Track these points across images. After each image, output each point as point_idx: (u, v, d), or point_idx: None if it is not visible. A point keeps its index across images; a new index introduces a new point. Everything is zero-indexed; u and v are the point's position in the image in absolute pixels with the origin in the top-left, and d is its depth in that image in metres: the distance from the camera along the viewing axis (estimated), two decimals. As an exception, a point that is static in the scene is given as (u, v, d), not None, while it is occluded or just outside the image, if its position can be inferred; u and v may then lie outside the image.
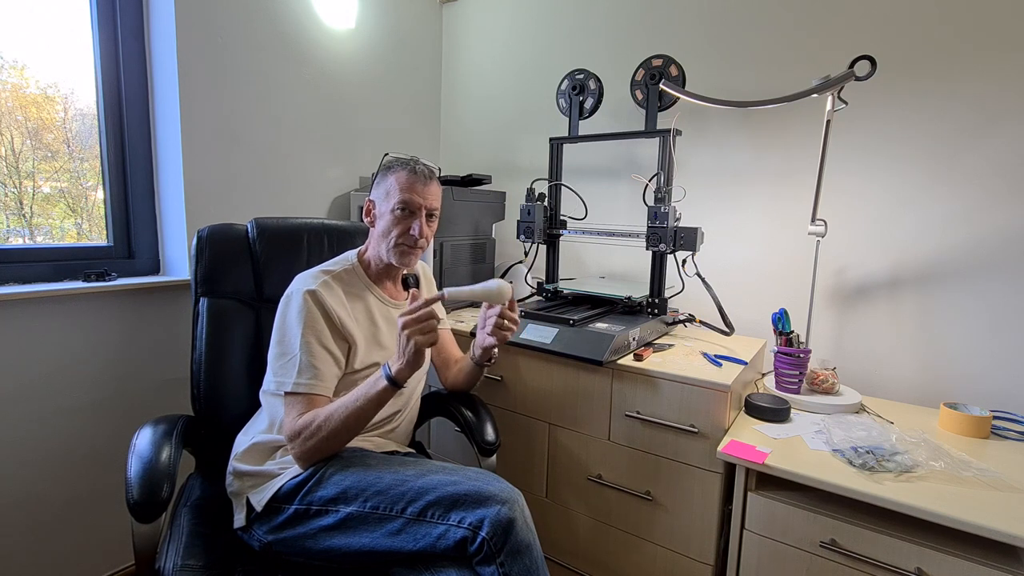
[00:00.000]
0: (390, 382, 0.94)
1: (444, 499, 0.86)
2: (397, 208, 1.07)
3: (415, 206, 1.08)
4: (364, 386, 0.96)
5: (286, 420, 0.96)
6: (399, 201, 1.07)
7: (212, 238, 1.23)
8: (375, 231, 1.11)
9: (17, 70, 1.36)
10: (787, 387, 1.32)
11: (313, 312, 1.01)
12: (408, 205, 1.07)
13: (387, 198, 1.09)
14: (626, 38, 1.81)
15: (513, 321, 1.08)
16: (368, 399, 0.94)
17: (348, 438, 0.97)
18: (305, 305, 1.01)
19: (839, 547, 0.98)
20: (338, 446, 0.97)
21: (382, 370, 0.96)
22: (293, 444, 0.95)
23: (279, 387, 0.99)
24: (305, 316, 1.00)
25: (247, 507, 0.98)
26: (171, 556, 0.91)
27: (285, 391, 0.97)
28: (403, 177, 1.08)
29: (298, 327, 1.00)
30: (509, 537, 0.83)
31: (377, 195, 1.11)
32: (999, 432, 1.18)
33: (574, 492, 1.39)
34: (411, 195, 1.07)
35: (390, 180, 1.09)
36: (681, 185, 1.66)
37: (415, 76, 2.19)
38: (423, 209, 1.09)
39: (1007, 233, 1.28)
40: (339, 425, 0.93)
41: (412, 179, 1.08)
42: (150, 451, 0.94)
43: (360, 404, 0.94)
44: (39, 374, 1.31)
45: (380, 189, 1.11)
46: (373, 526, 0.88)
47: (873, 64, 1.23)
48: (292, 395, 0.97)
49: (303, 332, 0.99)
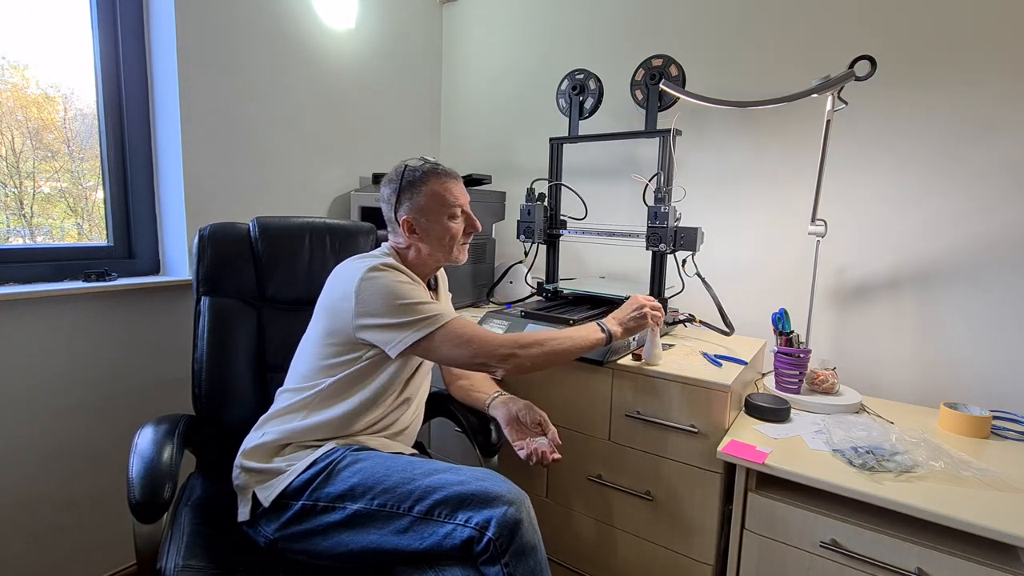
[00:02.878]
0: (608, 337, 1.11)
1: (451, 498, 0.86)
2: (456, 213, 1.12)
3: (464, 204, 1.14)
4: (581, 330, 1.10)
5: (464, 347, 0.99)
6: (457, 206, 1.11)
7: (214, 237, 1.23)
8: (427, 242, 1.11)
9: (18, 70, 1.36)
10: (787, 387, 1.32)
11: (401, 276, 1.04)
12: (462, 207, 1.13)
13: (433, 209, 1.09)
14: (626, 38, 1.81)
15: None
16: (584, 340, 1.08)
17: (556, 363, 1.08)
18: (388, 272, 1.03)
19: (839, 547, 0.98)
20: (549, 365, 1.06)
21: (599, 324, 1.12)
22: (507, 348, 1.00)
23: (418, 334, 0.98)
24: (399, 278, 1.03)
25: (253, 501, 0.98)
26: (173, 556, 0.91)
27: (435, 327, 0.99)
28: (440, 184, 1.10)
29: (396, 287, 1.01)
30: (515, 538, 0.84)
31: (416, 210, 1.09)
32: (999, 432, 1.18)
33: (574, 492, 1.39)
34: (460, 197, 1.13)
35: (425, 191, 1.09)
36: (681, 185, 1.66)
37: (415, 76, 2.19)
38: (467, 205, 1.15)
39: (1007, 233, 1.28)
40: (558, 348, 1.04)
41: (450, 182, 1.12)
42: (152, 451, 0.94)
43: (577, 342, 1.07)
44: (40, 374, 1.31)
45: (417, 202, 1.09)
46: (380, 524, 0.89)
47: (873, 64, 1.23)
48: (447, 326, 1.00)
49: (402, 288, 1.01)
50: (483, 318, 1.50)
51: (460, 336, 1.00)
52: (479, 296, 1.93)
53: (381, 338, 1.00)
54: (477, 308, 1.87)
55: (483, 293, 1.94)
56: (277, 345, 1.26)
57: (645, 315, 1.16)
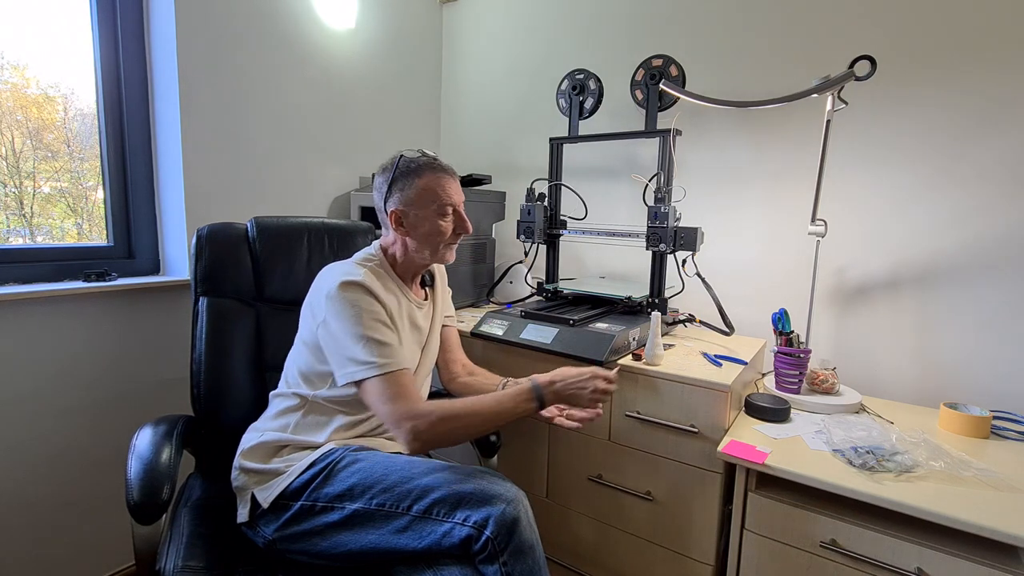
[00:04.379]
0: (539, 405, 0.98)
1: (449, 497, 0.86)
2: (447, 211, 1.07)
3: (457, 203, 1.09)
4: (510, 399, 0.96)
5: (383, 404, 0.91)
6: (446, 204, 1.07)
7: (212, 237, 1.23)
8: (413, 238, 1.08)
9: (18, 70, 1.36)
10: (787, 387, 1.32)
11: (367, 299, 0.98)
12: (454, 206, 1.08)
13: (423, 203, 1.05)
14: (626, 38, 1.81)
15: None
16: (512, 412, 0.96)
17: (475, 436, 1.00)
18: (357, 294, 0.98)
19: (839, 547, 0.98)
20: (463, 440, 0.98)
21: (534, 390, 0.97)
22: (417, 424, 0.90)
23: (352, 376, 0.94)
24: (363, 304, 0.97)
25: (252, 503, 0.98)
26: (172, 557, 0.91)
27: (366, 376, 0.93)
28: (435, 179, 1.06)
29: (357, 315, 0.96)
30: (513, 537, 0.84)
31: (405, 202, 1.06)
32: (999, 432, 1.18)
33: (574, 492, 1.39)
34: (453, 195, 1.08)
35: (418, 184, 1.05)
36: (681, 185, 1.66)
37: (415, 76, 2.19)
38: (460, 205, 1.10)
39: (1008, 233, 1.28)
40: (477, 423, 0.94)
41: (445, 179, 1.07)
42: (150, 452, 0.94)
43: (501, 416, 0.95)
44: (39, 374, 1.31)
45: (407, 195, 1.05)
46: (379, 523, 0.88)
47: (873, 64, 1.23)
48: (379, 377, 0.92)
49: (363, 318, 0.96)
50: (483, 318, 1.50)
51: (386, 392, 0.92)
52: (479, 296, 1.93)
53: (332, 360, 0.98)
54: (477, 308, 1.87)
55: (483, 293, 1.94)
56: (275, 345, 1.26)
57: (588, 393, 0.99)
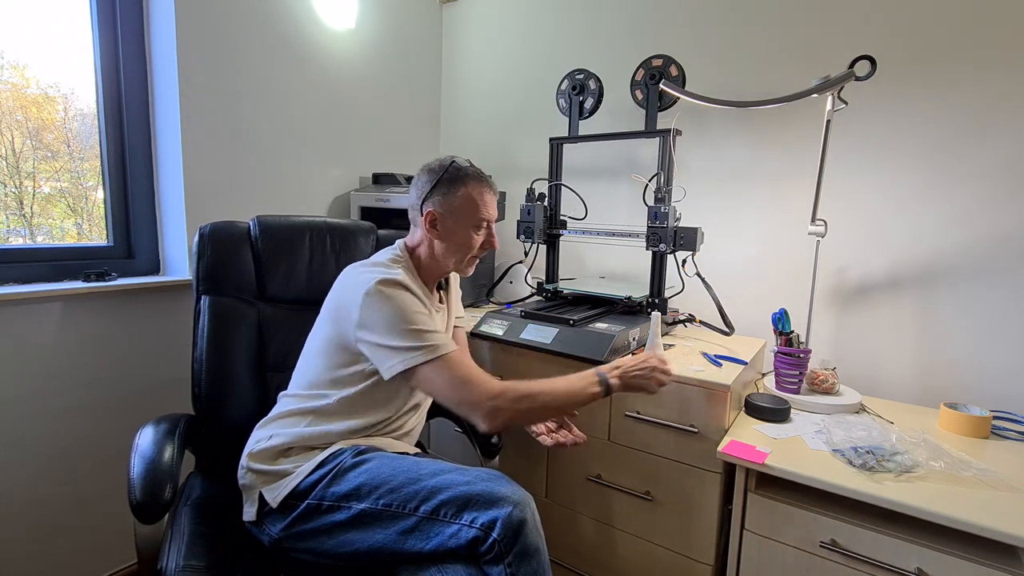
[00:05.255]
0: (606, 392, 1.01)
1: (457, 499, 0.87)
2: (482, 225, 1.10)
3: (491, 219, 1.12)
4: (578, 381, 1.01)
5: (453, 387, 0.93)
6: (482, 218, 1.09)
7: (214, 235, 1.23)
8: (443, 243, 1.08)
9: (18, 70, 1.36)
10: (787, 387, 1.32)
11: (407, 296, 0.99)
12: (490, 222, 1.11)
13: (464, 213, 1.07)
14: (626, 38, 1.81)
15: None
16: (581, 395, 1.00)
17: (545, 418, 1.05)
18: (396, 291, 0.98)
19: (839, 547, 0.98)
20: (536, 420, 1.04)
21: (599, 375, 1.02)
22: (497, 403, 0.92)
23: (407, 363, 0.93)
24: (405, 299, 0.98)
25: (259, 501, 0.98)
26: (173, 556, 0.91)
27: (424, 360, 0.93)
28: (479, 192, 1.08)
29: (401, 308, 0.96)
30: (519, 539, 0.84)
31: (447, 207, 1.07)
32: (999, 432, 1.18)
33: (574, 492, 1.39)
34: (492, 210, 1.11)
35: (464, 192, 1.07)
36: (681, 185, 1.66)
37: (415, 76, 2.19)
38: (494, 221, 1.13)
39: (1008, 233, 1.28)
40: (551, 403, 0.98)
41: (487, 193, 1.09)
42: (152, 451, 0.94)
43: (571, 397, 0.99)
44: (39, 374, 1.31)
45: (450, 200, 1.07)
46: (386, 523, 0.89)
47: (873, 64, 1.23)
48: (439, 360, 0.94)
49: (407, 312, 0.96)
50: (483, 318, 1.50)
51: (455, 374, 0.94)
52: (479, 296, 1.93)
53: (377, 356, 0.97)
54: (477, 308, 1.86)
55: (483, 293, 1.94)
56: (277, 344, 1.26)
57: (652, 378, 1.05)
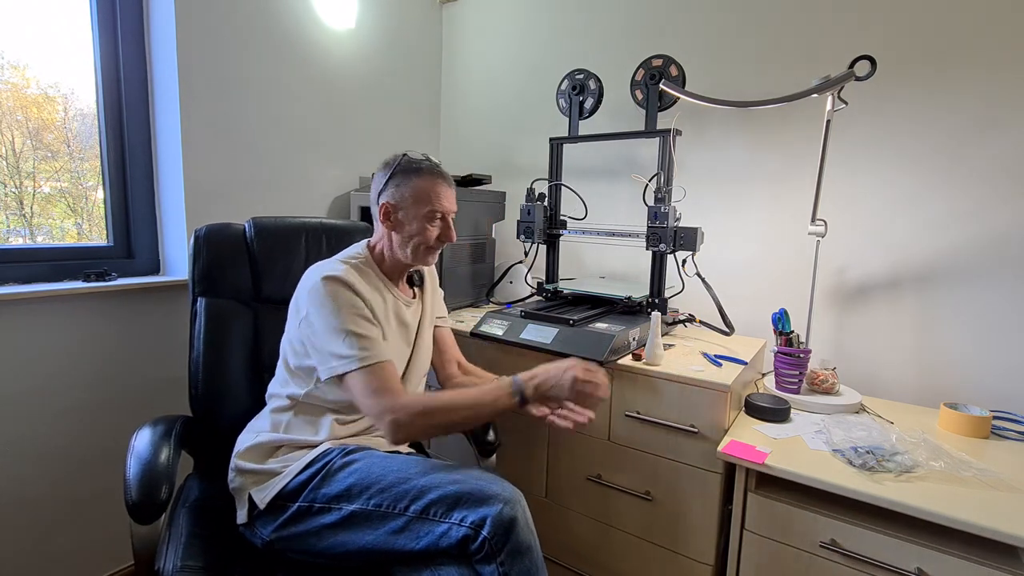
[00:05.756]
0: (521, 402, 0.97)
1: (447, 497, 0.86)
2: (434, 215, 1.07)
3: (446, 211, 1.09)
4: (491, 391, 0.97)
5: (366, 397, 0.92)
6: (434, 209, 1.07)
7: (210, 238, 1.23)
8: (398, 234, 1.08)
9: (18, 70, 1.36)
10: (787, 387, 1.32)
11: (347, 294, 0.99)
12: (444, 212, 1.09)
13: (415, 203, 1.06)
14: (626, 38, 1.81)
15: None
16: (493, 407, 0.96)
17: (458, 429, 1.01)
18: (337, 289, 0.98)
19: (839, 547, 0.98)
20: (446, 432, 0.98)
21: (514, 384, 0.97)
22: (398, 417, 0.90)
23: (333, 370, 0.94)
24: (343, 298, 0.98)
25: (249, 503, 0.98)
26: (170, 557, 0.91)
27: (349, 369, 0.93)
28: (432, 184, 1.07)
29: (337, 309, 0.97)
30: (510, 537, 0.84)
31: (398, 198, 1.07)
32: (999, 432, 1.18)
33: (574, 492, 1.39)
34: (445, 202, 1.08)
35: (415, 184, 1.06)
36: (681, 185, 1.66)
37: (415, 76, 2.19)
38: (450, 214, 1.11)
39: (1008, 233, 1.28)
40: (458, 419, 0.95)
41: (440, 185, 1.08)
42: (149, 452, 0.94)
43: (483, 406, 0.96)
44: (38, 374, 1.31)
45: (402, 192, 1.07)
46: (376, 524, 0.88)
47: (873, 64, 1.23)
48: (361, 370, 0.93)
49: (342, 312, 0.96)
50: (483, 318, 1.50)
51: (369, 385, 0.93)
52: (479, 296, 1.93)
53: (315, 356, 0.99)
54: (477, 308, 1.86)
55: (483, 293, 1.94)
56: (273, 346, 1.25)
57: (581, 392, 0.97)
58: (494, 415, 0.98)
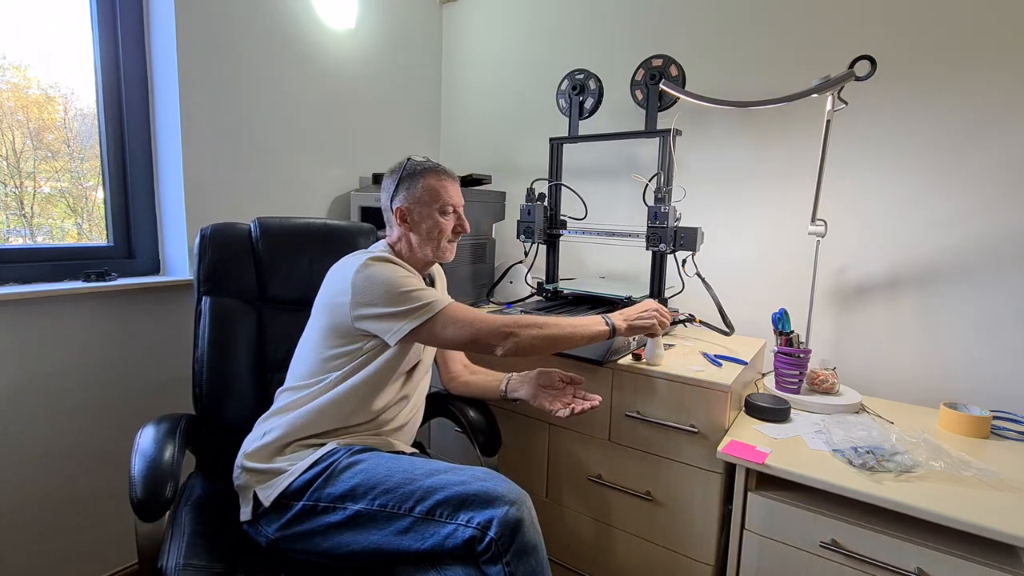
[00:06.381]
0: (612, 331, 1.10)
1: (453, 499, 0.87)
2: (448, 210, 1.13)
3: (458, 205, 1.16)
4: (585, 320, 1.10)
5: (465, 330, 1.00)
6: (447, 203, 1.13)
7: (215, 237, 1.23)
8: (416, 234, 1.13)
9: (19, 71, 1.36)
10: (787, 387, 1.32)
11: (394, 266, 1.05)
12: (455, 205, 1.15)
13: (427, 201, 1.12)
14: (626, 38, 1.81)
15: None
16: (587, 330, 1.08)
17: (556, 348, 1.08)
18: (384, 264, 1.04)
19: (839, 547, 0.98)
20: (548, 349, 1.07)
21: (604, 318, 1.11)
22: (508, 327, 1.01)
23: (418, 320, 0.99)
24: (392, 270, 1.03)
25: (254, 501, 0.98)
26: (174, 555, 0.91)
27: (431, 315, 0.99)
28: (439, 180, 1.13)
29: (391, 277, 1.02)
30: (516, 537, 0.84)
31: (411, 200, 1.12)
32: (999, 432, 1.18)
33: (574, 492, 1.39)
34: (454, 196, 1.15)
35: (424, 183, 1.12)
36: (681, 185, 1.66)
37: (415, 76, 2.19)
38: (460, 207, 1.17)
39: (1008, 233, 1.28)
40: (558, 334, 1.05)
41: (447, 181, 1.14)
42: (153, 450, 0.94)
43: (579, 330, 1.07)
44: (39, 374, 1.31)
45: (413, 193, 1.12)
46: (381, 524, 0.89)
47: (873, 64, 1.23)
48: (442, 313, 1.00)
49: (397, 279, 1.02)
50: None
51: (460, 319, 1.01)
52: (479, 296, 1.93)
53: (380, 327, 1.01)
54: (477, 308, 1.86)
55: (483, 293, 1.94)
56: (277, 345, 1.26)
57: (654, 320, 1.16)
58: (588, 339, 1.09)
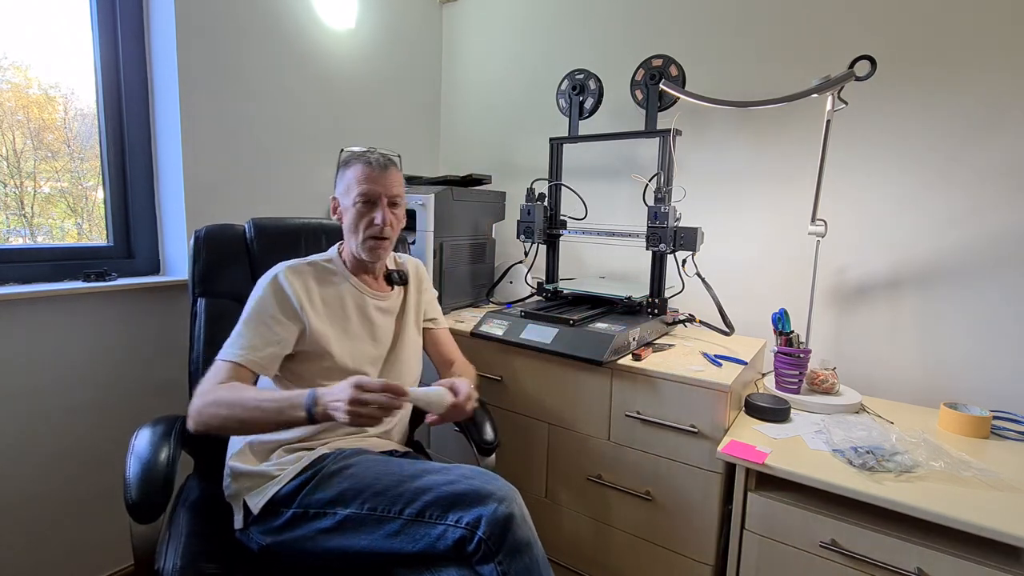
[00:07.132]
0: (309, 418, 0.87)
1: (442, 499, 0.86)
2: (358, 201, 1.07)
3: (375, 196, 1.07)
4: (285, 399, 0.89)
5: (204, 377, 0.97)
6: (358, 194, 1.07)
7: (209, 238, 1.23)
8: (344, 228, 1.12)
9: (19, 71, 1.37)
10: (787, 387, 1.32)
11: (266, 296, 1.04)
12: (368, 196, 1.07)
13: (347, 193, 1.09)
14: (626, 38, 1.81)
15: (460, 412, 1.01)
16: (279, 414, 0.88)
17: (240, 431, 0.99)
18: (261, 290, 1.04)
19: (839, 547, 0.98)
20: (227, 431, 0.95)
21: (306, 400, 0.87)
22: (195, 399, 0.93)
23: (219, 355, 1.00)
24: (257, 300, 1.04)
25: (244, 509, 0.97)
26: (170, 557, 0.91)
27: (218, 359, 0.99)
28: (360, 170, 1.08)
29: (248, 310, 1.03)
30: (507, 535, 0.83)
31: (339, 192, 1.12)
32: (999, 432, 1.18)
33: (574, 492, 1.39)
34: (370, 185, 1.07)
35: (348, 174, 1.09)
36: (681, 185, 1.66)
37: (415, 76, 2.19)
38: (384, 198, 1.08)
39: (1007, 232, 1.28)
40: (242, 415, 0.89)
41: (368, 170, 1.08)
42: (148, 452, 0.94)
43: (269, 414, 0.89)
44: (38, 374, 1.31)
45: (341, 185, 1.11)
46: (371, 527, 0.88)
47: (873, 64, 1.23)
48: (218, 363, 0.99)
49: (249, 314, 1.03)
50: (483, 318, 1.50)
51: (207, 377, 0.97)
52: (479, 296, 1.93)
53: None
54: (477, 308, 1.86)
55: (483, 293, 1.94)
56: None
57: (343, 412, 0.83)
58: (284, 425, 0.90)
